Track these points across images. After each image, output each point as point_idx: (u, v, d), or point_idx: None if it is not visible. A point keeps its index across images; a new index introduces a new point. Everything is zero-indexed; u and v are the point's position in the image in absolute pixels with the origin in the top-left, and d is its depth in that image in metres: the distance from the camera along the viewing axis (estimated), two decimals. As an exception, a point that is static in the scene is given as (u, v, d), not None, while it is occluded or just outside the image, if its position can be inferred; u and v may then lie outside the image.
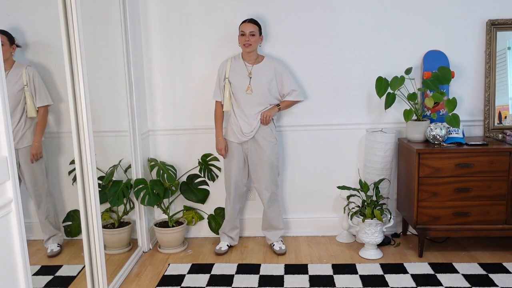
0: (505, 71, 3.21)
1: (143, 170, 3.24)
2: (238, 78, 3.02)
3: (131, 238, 3.24)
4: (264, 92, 3.01)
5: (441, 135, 2.96)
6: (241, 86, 3.02)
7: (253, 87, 3.00)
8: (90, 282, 2.50)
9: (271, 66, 3.05)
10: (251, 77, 3.01)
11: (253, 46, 2.98)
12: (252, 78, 3.01)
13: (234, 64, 3.06)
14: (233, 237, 3.29)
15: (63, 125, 2.76)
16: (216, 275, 2.87)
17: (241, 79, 3.02)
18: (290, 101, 3.10)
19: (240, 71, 3.04)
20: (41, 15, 2.64)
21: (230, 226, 3.27)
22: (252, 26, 2.96)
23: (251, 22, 2.98)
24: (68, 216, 2.90)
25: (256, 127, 3.02)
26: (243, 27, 2.97)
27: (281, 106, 3.09)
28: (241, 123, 3.02)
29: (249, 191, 3.43)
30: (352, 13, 3.23)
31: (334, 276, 2.80)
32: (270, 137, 3.08)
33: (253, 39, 2.95)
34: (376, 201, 3.07)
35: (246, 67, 3.03)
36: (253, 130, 3.02)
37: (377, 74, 3.15)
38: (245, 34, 2.94)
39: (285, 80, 3.06)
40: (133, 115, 3.12)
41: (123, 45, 3.02)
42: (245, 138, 3.04)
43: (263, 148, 3.06)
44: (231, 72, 3.04)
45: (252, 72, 3.02)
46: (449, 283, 2.67)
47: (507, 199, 2.89)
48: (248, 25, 2.96)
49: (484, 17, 3.19)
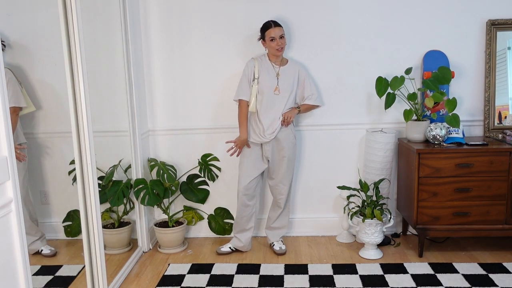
0: (505, 71, 3.21)
1: (143, 170, 3.24)
2: (267, 78, 3.03)
3: (131, 238, 3.24)
4: (289, 93, 3.05)
5: (441, 135, 2.96)
6: (270, 86, 3.02)
7: (281, 87, 3.03)
8: (90, 282, 2.50)
9: (296, 68, 3.09)
10: (278, 78, 3.04)
11: (284, 49, 3.02)
12: (280, 78, 3.04)
13: (262, 65, 3.05)
14: (241, 240, 3.21)
15: (58, 126, 2.77)
16: (216, 275, 2.87)
17: (270, 79, 3.03)
18: (309, 105, 3.12)
19: (269, 71, 3.04)
20: (41, 15, 2.64)
21: (238, 228, 3.23)
22: (280, 29, 2.96)
23: (278, 26, 2.96)
24: (68, 216, 2.90)
25: (278, 128, 3.03)
26: (271, 32, 2.94)
27: (301, 109, 3.11)
28: (265, 124, 3.02)
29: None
30: (352, 13, 3.23)
31: (334, 276, 2.80)
32: (291, 137, 3.11)
33: (284, 41, 2.99)
34: (376, 201, 3.07)
35: (274, 68, 3.05)
36: (275, 131, 3.02)
37: (377, 74, 3.15)
38: (276, 39, 2.94)
39: (307, 83, 3.09)
40: (133, 115, 3.12)
41: (123, 45, 3.02)
42: (266, 139, 3.04)
43: (285, 148, 3.08)
44: (260, 72, 3.04)
45: (280, 73, 3.04)
46: (449, 283, 2.67)
47: (507, 199, 2.89)
48: (276, 29, 2.94)
49: (484, 17, 3.19)
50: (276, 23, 2.97)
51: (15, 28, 2.62)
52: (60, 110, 2.75)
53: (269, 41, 2.96)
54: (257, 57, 3.08)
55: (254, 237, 3.48)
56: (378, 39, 3.25)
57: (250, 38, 3.25)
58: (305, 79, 3.10)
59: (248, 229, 3.22)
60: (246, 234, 3.22)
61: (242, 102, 3.06)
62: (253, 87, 3.03)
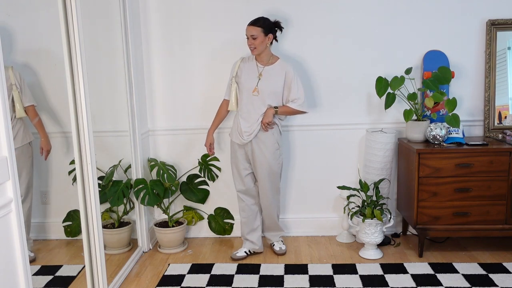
0: (505, 71, 3.21)
1: (143, 170, 3.24)
2: (246, 79, 2.96)
3: (131, 238, 3.24)
4: (271, 94, 2.93)
5: (441, 135, 2.96)
6: (248, 87, 2.95)
7: (260, 88, 2.92)
8: (90, 282, 2.50)
9: (283, 69, 2.94)
10: (260, 78, 2.93)
11: (258, 49, 2.89)
12: (261, 79, 2.93)
13: (245, 64, 3.00)
14: (254, 241, 3.15)
15: (58, 126, 2.77)
16: (216, 275, 2.87)
17: (249, 79, 2.96)
18: (290, 109, 2.95)
19: (250, 72, 2.97)
20: (41, 15, 2.64)
21: (247, 229, 3.16)
22: (252, 28, 2.85)
23: (252, 25, 2.87)
24: (68, 216, 2.91)
25: (256, 130, 2.94)
26: (246, 30, 2.88)
27: (278, 110, 2.95)
28: (242, 125, 2.97)
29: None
30: (352, 13, 3.23)
31: (334, 276, 2.80)
32: (270, 142, 2.98)
33: (256, 42, 2.85)
34: (376, 201, 3.07)
35: (258, 68, 2.96)
36: (252, 133, 2.95)
37: (377, 74, 3.15)
38: (249, 38, 2.87)
39: (293, 86, 2.92)
40: (133, 115, 3.12)
41: (123, 45, 3.02)
42: (244, 140, 2.97)
43: (263, 152, 2.98)
44: (239, 72, 2.99)
45: (263, 74, 2.93)
46: (449, 283, 2.67)
47: (507, 199, 2.89)
48: (248, 28, 2.87)
49: (484, 17, 3.19)
50: (251, 22, 2.88)
51: (15, 28, 2.62)
52: (60, 110, 2.76)
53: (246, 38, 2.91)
54: (246, 57, 3.05)
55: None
56: (378, 39, 3.25)
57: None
58: (292, 81, 2.92)
59: (256, 228, 3.17)
60: (256, 234, 3.17)
61: (223, 101, 3.11)
62: (232, 86, 3.02)
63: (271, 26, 2.91)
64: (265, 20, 2.90)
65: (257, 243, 3.17)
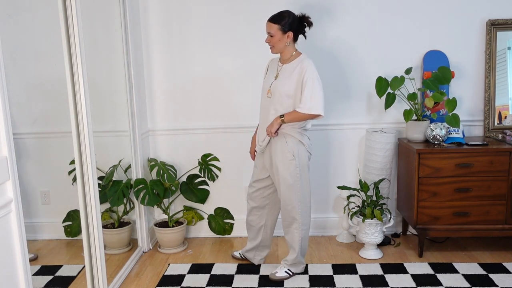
0: (505, 71, 3.21)
1: (143, 170, 3.24)
2: (266, 80, 2.73)
3: (131, 238, 3.24)
4: (281, 96, 2.58)
5: (441, 135, 2.96)
6: (264, 88, 2.70)
7: (273, 90, 2.61)
8: (90, 282, 2.50)
9: (300, 68, 2.56)
10: (276, 78, 2.63)
11: (276, 48, 2.60)
12: (276, 80, 2.63)
13: (271, 64, 2.76)
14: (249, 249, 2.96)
15: (58, 126, 2.77)
16: (216, 275, 2.87)
17: (267, 80, 2.70)
18: (299, 114, 2.54)
19: (271, 72, 2.71)
20: (41, 15, 2.64)
21: (248, 233, 2.96)
22: (269, 25, 2.58)
23: (269, 21, 2.59)
24: (68, 216, 2.90)
25: (267, 137, 2.66)
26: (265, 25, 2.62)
27: (285, 118, 2.56)
28: (259, 130, 2.76)
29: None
30: (352, 13, 3.23)
31: (334, 276, 2.80)
32: (283, 151, 2.61)
33: (273, 40, 2.57)
34: (376, 201, 3.07)
35: (278, 67, 2.66)
36: (265, 140, 2.67)
37: (377, 74, 3.15)
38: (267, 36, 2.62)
39: (306, 87, 2.51)
40: (133, 115, 3.12)
41: (123, 45, 3.02)
42: (260, 148, 2.74)
43: (276, 163, 2.63)
44: (267, 73, 2.76)
45: (280, 73, 2.63)
46: (449, 283, 2.67)
47: (507, 199, 2.89)
48: (266, 24, 2.60)
49: (484, 17, 3.19)
50: (269, 18, 2.60)
51: (15, 28, 2.62)
52: (60, 110, 2.75)
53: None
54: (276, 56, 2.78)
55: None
56: (378, 39, 3.25)
57: (250, 38, 3.25)
58: (307, 81, 2.51)
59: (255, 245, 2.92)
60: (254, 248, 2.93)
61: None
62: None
63: (293, 23, 2.59)
64: (285, 16, 2.58)
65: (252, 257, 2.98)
